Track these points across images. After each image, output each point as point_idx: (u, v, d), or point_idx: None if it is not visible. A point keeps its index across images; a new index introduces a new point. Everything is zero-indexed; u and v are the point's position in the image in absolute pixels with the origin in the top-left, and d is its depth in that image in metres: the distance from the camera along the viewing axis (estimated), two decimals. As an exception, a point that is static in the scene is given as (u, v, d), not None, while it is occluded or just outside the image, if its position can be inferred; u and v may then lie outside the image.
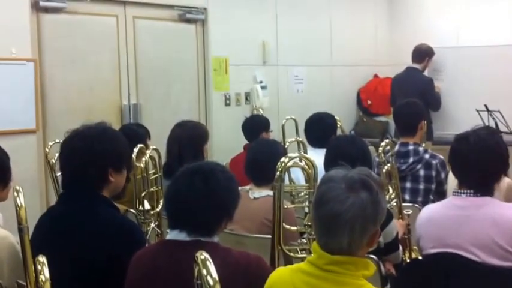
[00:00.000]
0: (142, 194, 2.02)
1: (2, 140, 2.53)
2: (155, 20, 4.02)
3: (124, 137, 1.74)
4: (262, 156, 2.24)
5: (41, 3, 3.41)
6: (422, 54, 4.43)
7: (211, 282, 0.92)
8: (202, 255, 0.92)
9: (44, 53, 3.47)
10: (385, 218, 1.28)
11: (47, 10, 3.47)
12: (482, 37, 4.72)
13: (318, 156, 2.70)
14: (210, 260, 0.91)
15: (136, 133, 2.73)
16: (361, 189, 1.20)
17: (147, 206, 2.01)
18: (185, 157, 2.54)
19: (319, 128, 3.08)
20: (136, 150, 2.06)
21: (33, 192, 3.26)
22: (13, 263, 1.61)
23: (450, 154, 1.83)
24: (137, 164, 2.03)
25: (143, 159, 2.07)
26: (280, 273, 1.30)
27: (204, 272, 0.91)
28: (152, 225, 1.97)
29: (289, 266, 1.34)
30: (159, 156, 2.16)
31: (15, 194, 1.42)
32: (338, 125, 3.26)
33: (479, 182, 1.73)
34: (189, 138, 2.70)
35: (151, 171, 2.10)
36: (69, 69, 3.58)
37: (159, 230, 2.00)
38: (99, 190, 1.61)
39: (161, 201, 2.05)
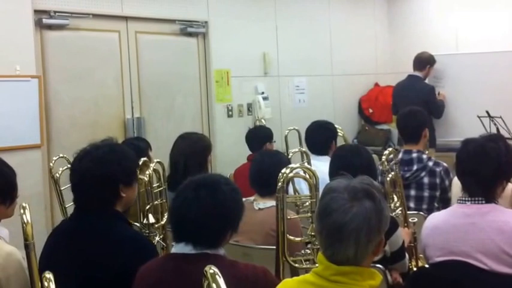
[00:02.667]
0: (147, 208, 2.02)
1: (8, 155, 2.54)
2: (157, 34, 4.05)
3: (131, 150, 1.76)
4: (266, 167, 2.24)
5: (45, 21, 3.45)
6: (424, 62, 4.44)
7: (221, 297, 0.92)
8: (212, 269, 0.92)
9: (48, 70, 3.50)
10: (391, 226, 1.28)
11: (50, 27, 3.51)
12: (482, 44, 4.74)
13: (321, 163, 2.72)
14: (220, 275, 0.91)
15: (137, 147, 2.73)
16: (364, 198, 1.20)
17: (151, 219, 2.00)
18: (189, 169, 2.55)
19: (318, 136, 3.10)
20: (140, 163, 2.06)
21: (38, 207, 3.27)
22: (20, 279, 1.61)
23: (455, 161, 1.83)
24: (141, 177, 2.03)
25: (147, 172, 2.07)
26: (287, 285, 1.30)
27: (214, 286, 0.91)
28: (157, 238, 1.96)
29: (295, 278, 1.33)
30: (163, 169, 2.17)
31: (22, 210, 1.43)
32: (341, 134, 3.28)
33: (481, 189, 1.73)
34: (193, 150, 2.70)
35: (155, 184, 2.10)
36: (72, 84, 3.61)
37: (164, 244, 1.99)
38: (112, 206, 1.65)
39: (166, 214, 2.05)
